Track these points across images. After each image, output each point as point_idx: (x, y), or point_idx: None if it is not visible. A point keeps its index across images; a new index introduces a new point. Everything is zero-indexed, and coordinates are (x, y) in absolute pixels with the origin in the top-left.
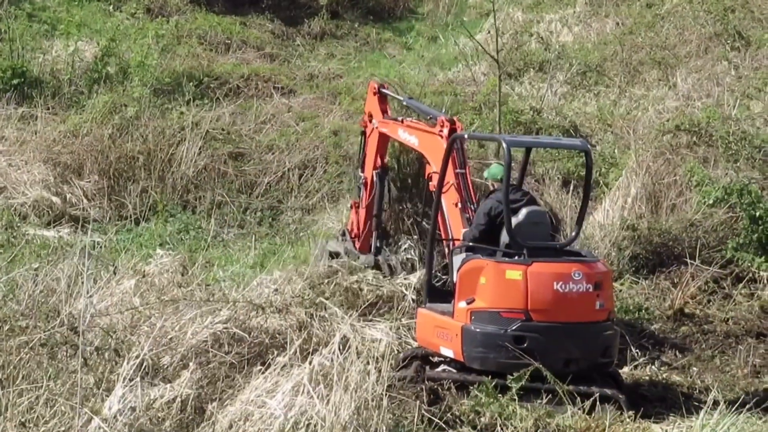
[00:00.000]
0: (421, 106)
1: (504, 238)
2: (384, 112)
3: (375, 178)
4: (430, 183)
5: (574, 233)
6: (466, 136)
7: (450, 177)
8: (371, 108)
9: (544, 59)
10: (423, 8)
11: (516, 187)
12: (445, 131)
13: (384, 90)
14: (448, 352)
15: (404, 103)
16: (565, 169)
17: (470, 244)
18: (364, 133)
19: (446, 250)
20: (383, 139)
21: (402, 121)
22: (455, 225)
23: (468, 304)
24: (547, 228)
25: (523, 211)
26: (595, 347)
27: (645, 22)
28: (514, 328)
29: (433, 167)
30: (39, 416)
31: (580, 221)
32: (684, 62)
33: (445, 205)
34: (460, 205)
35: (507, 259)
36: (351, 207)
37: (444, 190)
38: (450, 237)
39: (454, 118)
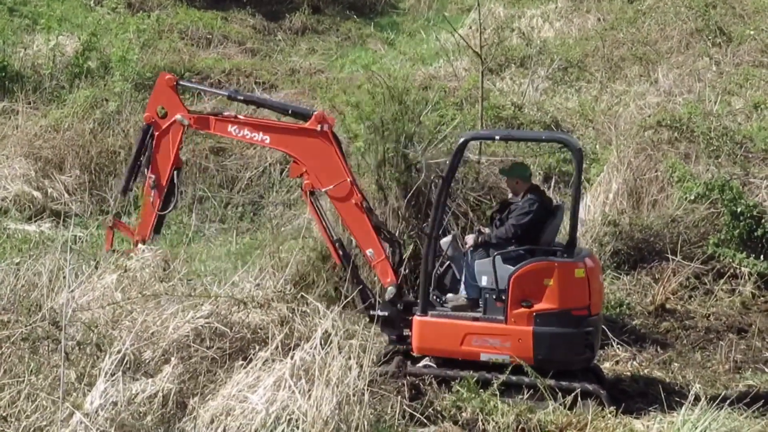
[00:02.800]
0: (266, 100)
1: (547, 237)
2: (182, 106)
3: (174, 178)
4: (305, 182)
5: (572, 228)
6: (497, 137)
7: (346, 175)
8: (166, 102)
9: (526, 54)
10: (404, 3)
11: (538, 186)
12: (327, 127)
13: (186, 83)
14: (498, 358)
15: (234, 98)
16: (546, 164)
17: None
18: (148, 131)
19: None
20: (180, 135)
21: (235, 117)
22: (355, 226)
23: (527, 307)
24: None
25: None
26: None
27: (626, 17)
28: (584, 325)
29: (304, 166)
30: (20, 410)
31: (574, 221)
32: (665, 58)
33: (340, 205)
34: (365, 205)
35: (569, 258)
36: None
37: (336, 189)
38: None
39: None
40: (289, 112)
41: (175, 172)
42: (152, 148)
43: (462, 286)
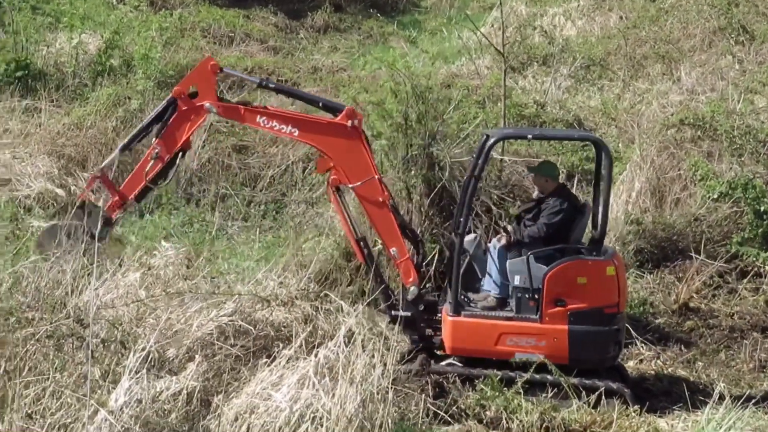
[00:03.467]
0: (298, 91)
1: (577, 235)
2: (216, 95)
3: (176, 158)
4: (332, 177)
5: (602, 227)
6: (530, 136)
7: (373, 172)
8: (201, 85)
9: (548, 53)
10: (426, 2)
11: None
12: (357, 122)
13: (227, 70)
14: (533, 357)
15: (265, 86)
16: (569, 163)
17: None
18: (172, 104)
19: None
20: (201, 121)
21: (266, 108)
22: (380, 222)
23: (562, 306)
24: None
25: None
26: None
27: (649, 15)
28: (614, 322)
29: (332, 161)
30: (45, 408)
31: (605, 215)
32: (688, 56)
33: (366, 202)
34: (390, 202)
35: (600, 257)
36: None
37: (363, 186)
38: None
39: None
40: (320, 105)
41: (180, 153)
42: (168, 121)
43: (486, 285)
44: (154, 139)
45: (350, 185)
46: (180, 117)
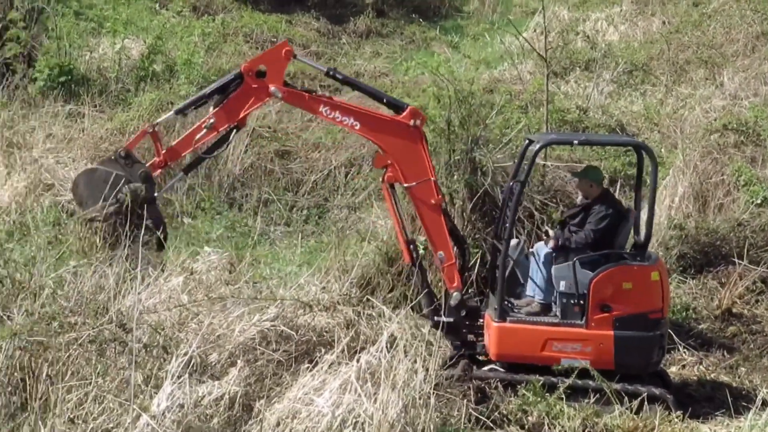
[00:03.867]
0: (363, 84)
1: (621, 240)
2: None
3: (229, 135)
4: (387, 174)
5: (646, 233)
6: (576, 142)
7: (430, 174)
8: (274, 69)
9: (591, 58)
10: (468, 7)
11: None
12: (419, 122)
13: (301, 59)
14: (579, 363)
15: (332, 76)
16: (611, 168)
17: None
18: (239, 80)
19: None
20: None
21: (331, 98)
22: (431, 224)
23: (607, 311)
24: None
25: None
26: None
27: (691, 20)
28: (658, 327)
29: (390, 158)
30: (88, 413)
31: (650, 220)
32: (731, 61)
33: (420, 203)
34: (443, 205)
35: (645, 262)
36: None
37: (419, 187)
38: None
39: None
40: (384, 101)
41: (234, 130)
42: (230, 96)
43: (528, 291)
44: (211, 109)
45: (405, 184)
46: (243, 92)
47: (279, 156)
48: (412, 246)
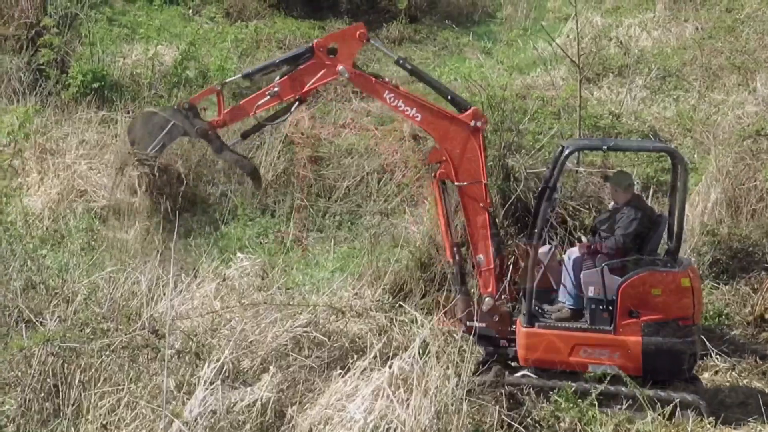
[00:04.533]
0: (428, 76)
1: (652, 246)
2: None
3: (289, 104)
4: (440, 171)
5: (677, 238)
6: (605, 147)
7: (483, 176)
8: (346, 49)
9: (623, 64)
10: (501, 12)
11: (640, 195)
12: (480, 124)
13: (375, 42)
14: (608, 369)
15: (400, 64)
16: (644, 174)
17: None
18: (309, 51)
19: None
20: (329, 78)
21: (397, 86)
22: (475, 227)
23: (635, 317)
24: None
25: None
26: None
27: (724, 26)
28: (689, 334)
29: (445, 155)
30: (120, 419)
31: (680, 226)
32: (764, 67)
33: (468, 203)
34: (490, 210)
35: (676, 268)
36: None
37: (470, 187)
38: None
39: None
40: (449, 97)
41: (297, 102)
42: (298, 68)
43: (560, 297)
44: (277, 78)
45: (457, 183)
46: (312, 66)
47: (312, 162)
48: (456, 248)
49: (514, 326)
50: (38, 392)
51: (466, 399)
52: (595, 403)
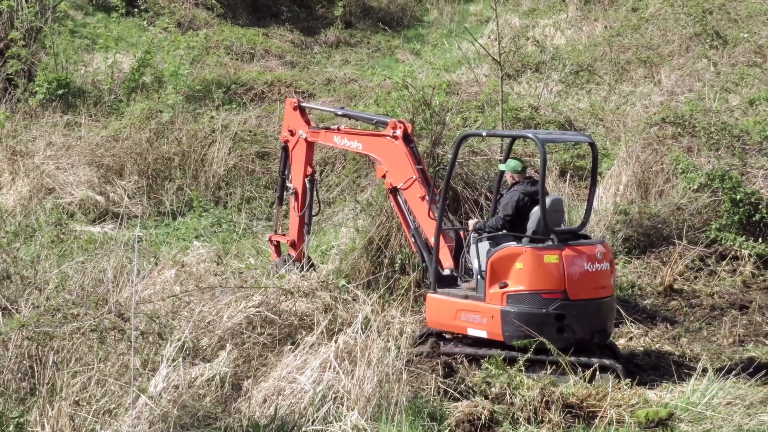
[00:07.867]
0: (358, 113)
1: (531, 225)
2: (308, 123)
3: (307, 186)
4: (386, 181)
5: (584, 218)
6: (484, 134)
7: (413, 173)
8: (293, 123)
9: (540, 60)
10: (428, 17)
11: (532, 179)
12: (399, 132)
13: (304, 104)
14: (479, 333)
15: (339, 114)
16: (561, 160)
17: (500, 233)
18: (285, 148)
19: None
20: (310, 148)
21: (338, 129)
22: (422, 216)
23: (501, 288)
24: (563, 214)
25: (548, 200)
26: (611, 319)
27: (631, 24)
28: (554, 307)
29: (385, 167)
30: (91, 395)
31: (589, 207)
32: (667, 61)
33: (410, 199)
34: (428, 198)
35: (542, 244)
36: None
37: (407, 186)
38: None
39: (403, 120)
40: (374, 122)
41: (307, 180)
42: (286, 163)
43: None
44: (288, 183)
45: (396, 186)
46: (292, 155)
47: (259, 157)
48: (414, 236)
49: None
50: (15, 373)
51: (405, 369)
52: (522, 369)
